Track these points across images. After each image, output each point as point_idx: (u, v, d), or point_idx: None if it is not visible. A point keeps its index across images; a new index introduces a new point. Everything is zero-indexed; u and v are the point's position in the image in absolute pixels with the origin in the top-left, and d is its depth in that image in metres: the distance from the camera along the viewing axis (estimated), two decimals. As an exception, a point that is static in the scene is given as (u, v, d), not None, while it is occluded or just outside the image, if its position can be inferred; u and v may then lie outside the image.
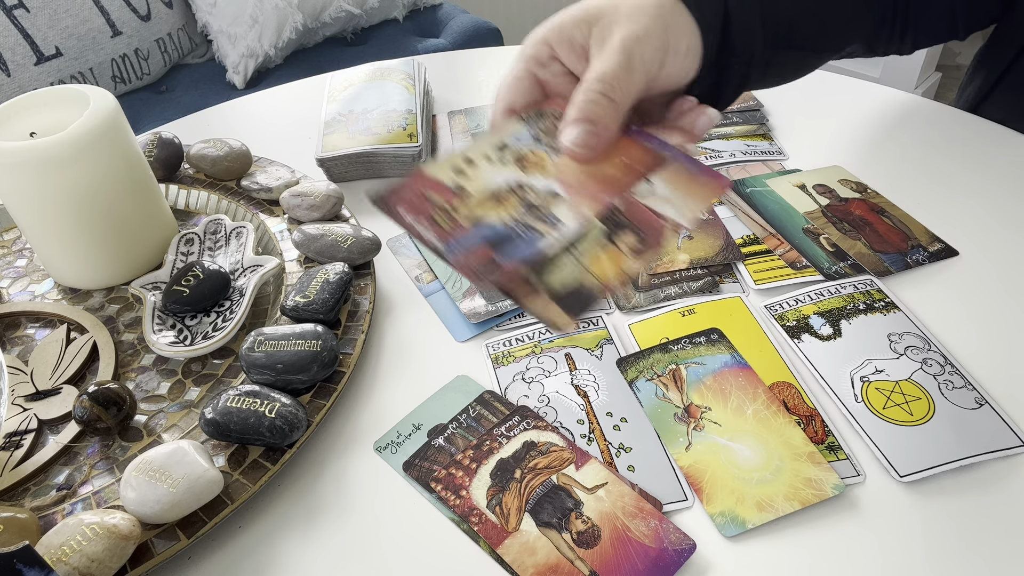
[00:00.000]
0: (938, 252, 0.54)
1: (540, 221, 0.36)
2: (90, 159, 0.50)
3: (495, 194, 0.36)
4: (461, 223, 0.34)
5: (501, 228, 0.35)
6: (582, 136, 0.37)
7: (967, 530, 0.38)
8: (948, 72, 2.14)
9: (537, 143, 0.39)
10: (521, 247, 0.34)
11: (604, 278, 0.35)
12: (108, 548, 0.35)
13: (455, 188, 0.36)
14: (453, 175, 0.36)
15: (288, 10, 1.45)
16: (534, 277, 0.34)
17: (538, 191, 0.37)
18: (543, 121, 0.40)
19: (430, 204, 0.35)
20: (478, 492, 0.40)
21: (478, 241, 0.34)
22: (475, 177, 0.37)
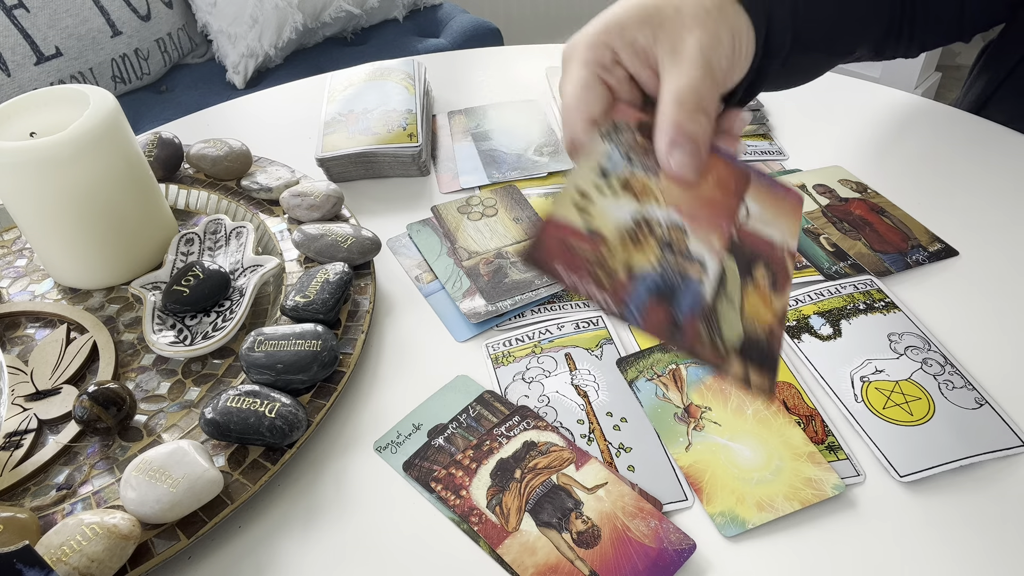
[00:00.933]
0: (938, 252, 0.54)
1: (687, 261, 0.34)
2: (90, 159, 0.50)
3: (627, 233, 0.34)
4: (620, 277, 0.33)
5: (658, 277, 0.33)
6: (688, 158, 0.35)
7: (967, 530, 0.38)
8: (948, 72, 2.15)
9: (630, 163, 0.36)
10: (687, 297, 0.33)
11: (765, 322, 0.35)
12: (108, 548, 0.35)
13: (591, 232, 0.34)
14: (579, 214, 0.34)
15: (288, 10, 1.45)
16: (707, 332, 0.33)
17: (663, 224, 0.35)
18: (621, 135, 0.37)
19: (581, 258, 0.33)
20: (478, 492, 0.40)
21: (645, 296, 0.33)
22: (599, 215, 0.34)
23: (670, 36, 0.36)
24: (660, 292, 0.33)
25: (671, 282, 0.34)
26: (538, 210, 0.60)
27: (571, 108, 0.37)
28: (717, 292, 0.34)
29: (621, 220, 0.34)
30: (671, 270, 0.34)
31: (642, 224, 0.35)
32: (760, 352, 0.34)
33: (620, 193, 0.35)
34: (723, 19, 0.37)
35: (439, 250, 0.57)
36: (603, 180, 0.35)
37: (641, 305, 0.32)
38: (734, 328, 0.34)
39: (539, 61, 0.82)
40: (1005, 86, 0.68)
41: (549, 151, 0.67)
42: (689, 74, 0.35)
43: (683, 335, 0.32)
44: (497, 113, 0.73)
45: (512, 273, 0.54)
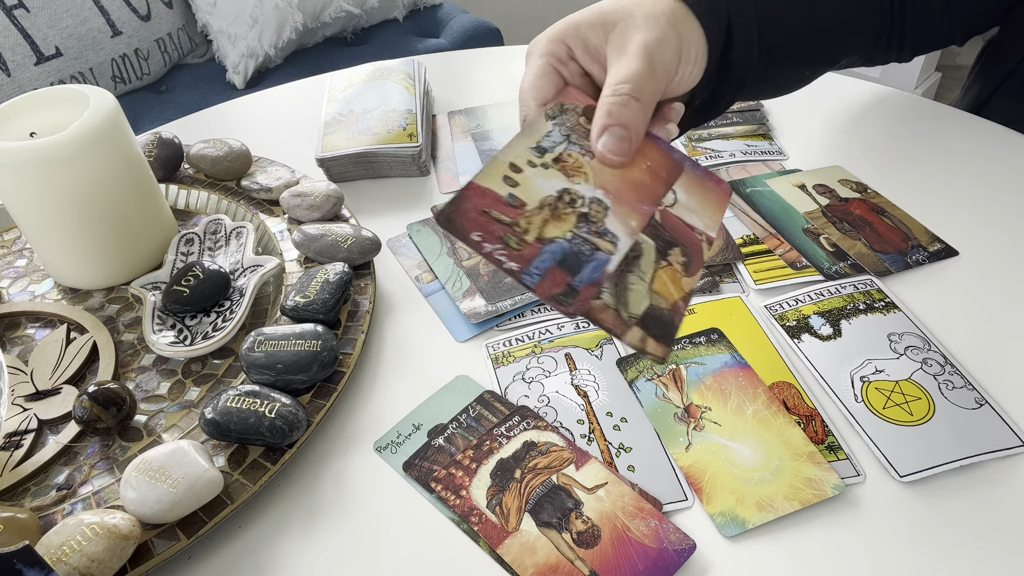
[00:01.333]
0: (938, 252, 0.54)
1: (598, 237, 0.36)
2: (90, 159, 0.50)
3: (549, 205, 0.36)
4: (530, 243, 0.34)
5: (568, 246, 0.35)
6: (616, 142, 0.38)
7: (967, 530, 0.38)
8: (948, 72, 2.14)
9: (569, 143, 0.39)
10: (589, 268, 0.35)
11: (671, 299, 0.37)
12: (108, 548, 0.35)
13: (512, 200, 0.35)
14: (505, 185, 0.36)
15: (288, 10, 1.45)
16: (613, 301, 0.35)
17: (585, 199, 0.37)
18: (566, 116, 0.40)
19: (496, 223, 0.35)
20: (478, 492, 0.40)
21: (550, 263, 0.34)
22: (525, 185, 0.36)
23: (619, 36, 0.40)
24: (565, 261, 0.35)
25: (579, 252, 0.35)
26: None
27: (526, 91, 0.41)
28: (629, 267, 0.36)
29: (546, 192, 0.36)
30: (581, 243, 0.36)
31: (565, 197, 0.37)
32: (661, 324, 0.35)
33: (552, 168, 0.37)
34: (672, 23, 0.40)
35: (439, 250, 0.57)
36: (538, 156, 0.38)
37: (543, 270, 0.34)
38: (640, 301, 0.36)
39: (539, 61, 0.82)
40: (1005, 86, 0.68)
41: (549, 151, 0.67)
42: (629, 65, 0.38)
43: (579, 298, 0.34)
44: (497, 113, 0.73)
45: (512, 273, 0.54)
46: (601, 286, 0.35)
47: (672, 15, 0.41)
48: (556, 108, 0.40)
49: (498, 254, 0.34)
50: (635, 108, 0.38)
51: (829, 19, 0.51)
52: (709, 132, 0.68)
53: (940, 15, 0.57)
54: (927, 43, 0.58)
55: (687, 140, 0.67)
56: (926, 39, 0.58)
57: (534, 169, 0.37)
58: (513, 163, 0.37)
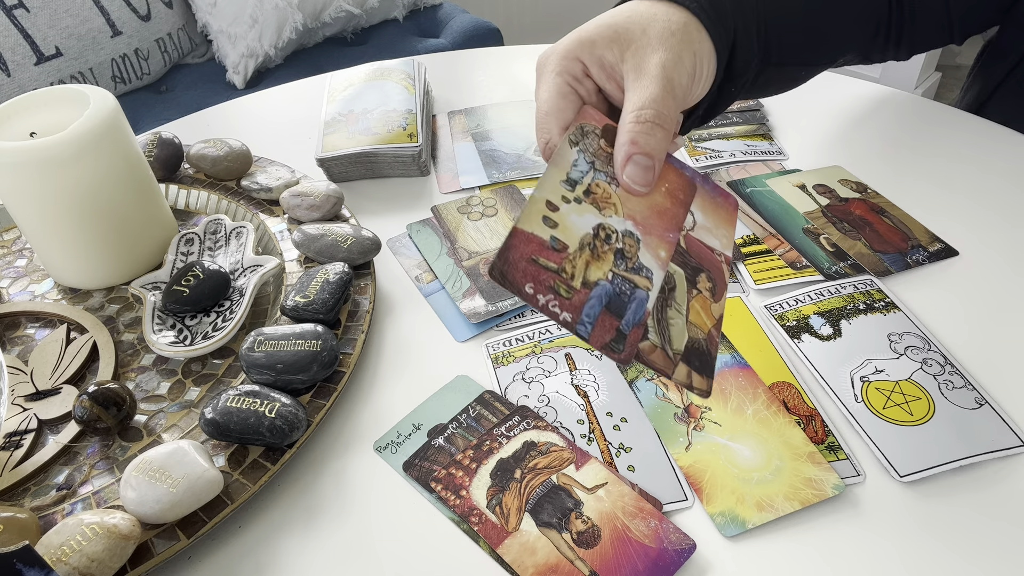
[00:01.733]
0: (938, 252, 0.54)
1: (635, 273, 0.36)
2: (90, 159, 0.50)
3: (588, 245, 0.36)
4: (578, 289, 0.34)
5: (610, 288, 0.35)
6: (642, 172, 0.37)
7: (967, 530, 0.38)
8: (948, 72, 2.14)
9: (594, 170, 0.38)
10: (632, 308, 0.35)
11: (705, 328, 0.37)
12: (108, 548, 0.35)
13: (555, 244, 0.35)
14: (545, 227, 0.35)
15: (288, 10, 1.45)
16: (658, 339, 0.35)
17: (618, 233, 0.37)
18: (588, 141, 0.39)
19: (545, 271, 0.34)
20: (478, 492, 0.40)
21: (598, 308, 0.34)
22: (564, 225, 0.36)
23: (635, 55, 0.38)
24: (611, 304, 0.34)
25: (621, 292, 0.35)
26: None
27: (548, 114, 0.39)
28: (666, 301, 0.36)
29: (583, 230, 0.36)
30: (621, 280, 0.35)
31: (600, 234, 0.36)
32: (700, 356, 0.35)
33: (584, 201, 0.37)
34: (687, 41, 0.39)
35: (439, 250, 0.57)
36: (569, 190, 0.37)
37: (593, 317, 0.34)
38: (681, 336, 0.36)
39: (539, 61, 0.82)
40: (1004, 86, 0.68)
41: (549, 151, 0.67)
42: (650, 90, 0.37)
43: (626, 345, 0.34)
44: (497, 113, 0.73)
45: (512, 273, 0.54)
46: (645, 326, 0.34)
47: (686, 32, 0.40)
48: (577, 132, 0.39)
49: (552, 306, 0.33)
50: (659, 135, 0.37)
51: (828, 20, 0.51)
52: (709, 132, 0.68)
53: (939, 13, 0.57)
54: (925, 41, 0.59)
55: (687, 141, 0.67)
56: (925, 37, 0.58)
57: (568, 205, 0.36)
58: (549, 201, 0.36)
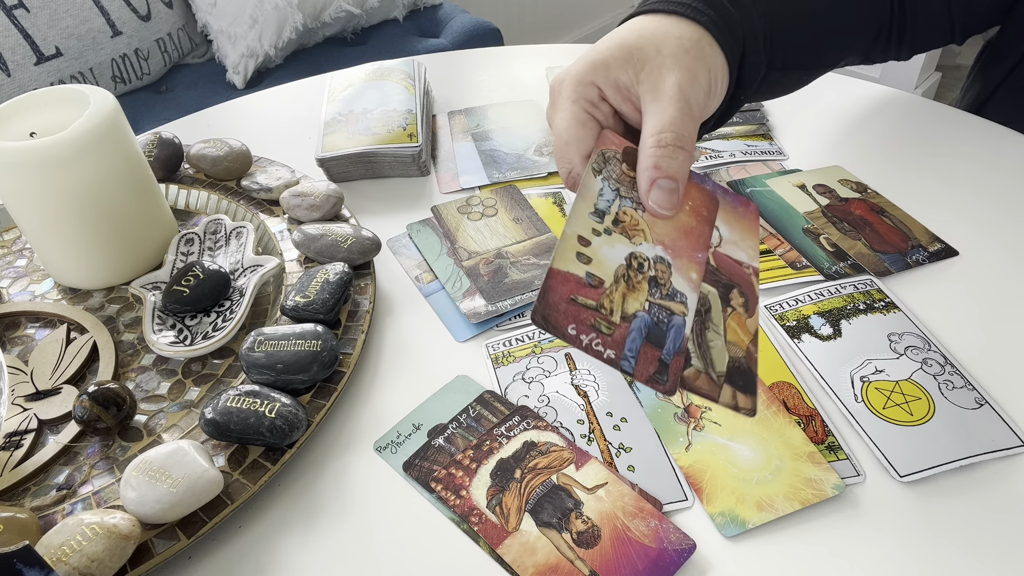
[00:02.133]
0: (938, 252, 0.54)
1: (670, 300, 0.36)
2: (90, 159, 0.50)
3: (623, 276, 0.35)
4: (618, 324, 0.34)
5: (648, 318, 0.35)
6: (667, 196, 0.37)
7: (967, 530, 0.38)
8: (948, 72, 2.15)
9: (619, 197, 0.38)
10: (671, 336, 0.34)
11: (743, 345, 0.37)
12: (108, 548, 0.35)
13: (591, 280, 0.35)
14: (580, 263, 0.35)
15: (288, 10, 1.45)
16: (701, 364, 0.35)
17: (650, 260, 0.36)
18: (611, 167, 0.38)
19: (585, 310, 0.34)
20: (478, 492, 0.40)
21: (639, 340, 0.34)
22: (597, 259, 0.35)
23: (651, 76, 0.38)
24: (650, 335, 0.34)
25: (659, 321, 0.35)
26: (538, 210, 0.60)
27: (568, 143, 0.39)
28: (704, 324, 0.36)
29: (616, 261, 0.36)
30: (658, 309, 0.35)
31: (633, 263, 0.36)
32: (743, 375, 0.35)
33: (613, 232, 0.36)
34: (700, 58, 0.39)
35: (439, 250, 0.57)
36: (598, 221, 0.36)
37: (635, 350, 0.34)
38: (722, 357, 0.35)
39: (539, 61, 0.82)
40: (1004, 86, 0.68)
41: (549, 151, 0.67)
42: (669, 112, 0.37)
43: (669, 375, 0.34)
44: (497, 113, 0.73)
45: (512, 273, 0.54)
46: (687, 352, 0.34)
47: (699, 48, 0.39)
48: (600, 159, 0.38)
49: (595, 344, 0.33)
50: (681, 158, 0.37)
51: (832, 25, 0.51)
52: (709, 132, 0.68)
53: (941, 14, 0.57)
54: (927, 41, 0.59)
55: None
56: (926, 37, 0.58)
57: (599, 238, 0.36)
58: (580, 236, 0.36)
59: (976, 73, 0.73)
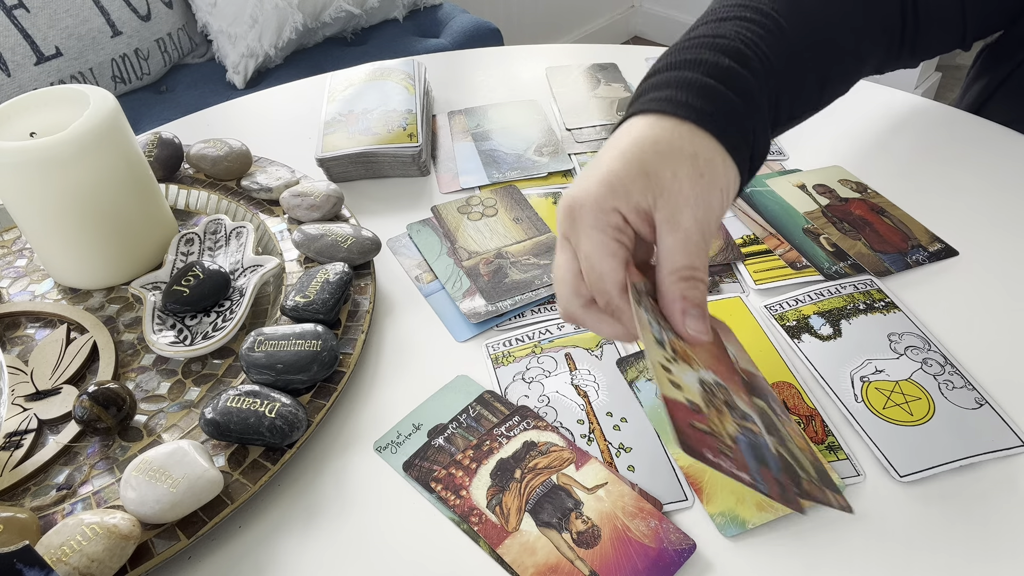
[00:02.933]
0: (938, 252, 0.54)
1: (745, 421, 0.37)
2: (90, 159, 0.50)
3: (710, 402, 0.36)
4: (732, 446, 0.35)
5: (745, 439, 0.36)
6: (700, 322, 0.38)
7: (967, 530, 0.38)
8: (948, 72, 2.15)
9: (662, 328, 0.38)
10: (767, 455, 0.36)
11: (807, 449, 0.38)
12: (108, 548, 0.35)
13: (693, 406, 0.35)
14: (677, 390, 0.35)
15: (288, 10, 1.45)
16: (806, 475, 0.36)
17: (712, 385, 0.37)
18: (644, 299, 0.39)
19: (706, 435, 0.34)
20: (478, 492, 0.40)
21: (754, 461, 0.35)
22: (683, 385, 0.36)
23: (669, 205, 0.38)
24: (757, 454, 0.35)
25: (753, 442, 0.36)
26: (538, 210, 0.60)
27: (603, 277, 0.38)
28: (781, 439, 0.37)
29: (696, 387, 0.36)
30: (746, 430, 0.36)
31: (707, 389, 0.37)
32: (821, 474, 0.37)
33: (678, 361, 0.37)
34: (714, 181, 0.39)
35: (439, 250, 0.57)
36: (663, 351, 0.37)
37: (756, 470, 0.34)
38: (806, 462, 0.37)
39: (539, 61, 0.82)
40: (1004, 87, 0.68)
41: (549, 151, 0.67)
42: (687, 248, 0.37)
43: (787, 491, 0.34)
44: (497, 113, 0.73)
45: (512, 273, 0.54)
46: (788, 466, 0.35)
47: (712, 169, 0.39)
48: (635, 294, 0.38)
49: (732, 468, 0.33)
50: (702, 287, 0.38)
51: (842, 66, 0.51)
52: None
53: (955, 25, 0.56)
54: (937, 47, 0.58)
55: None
56: (937, 43, 0.57)
57: (675, 366, 0.37)
58: (663, 364, 0.36)
59: (976, 74, 0.73)
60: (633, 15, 2.60)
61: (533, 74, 0.80)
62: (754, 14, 0.45)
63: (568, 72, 0.78)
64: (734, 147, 0.40)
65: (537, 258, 0.55)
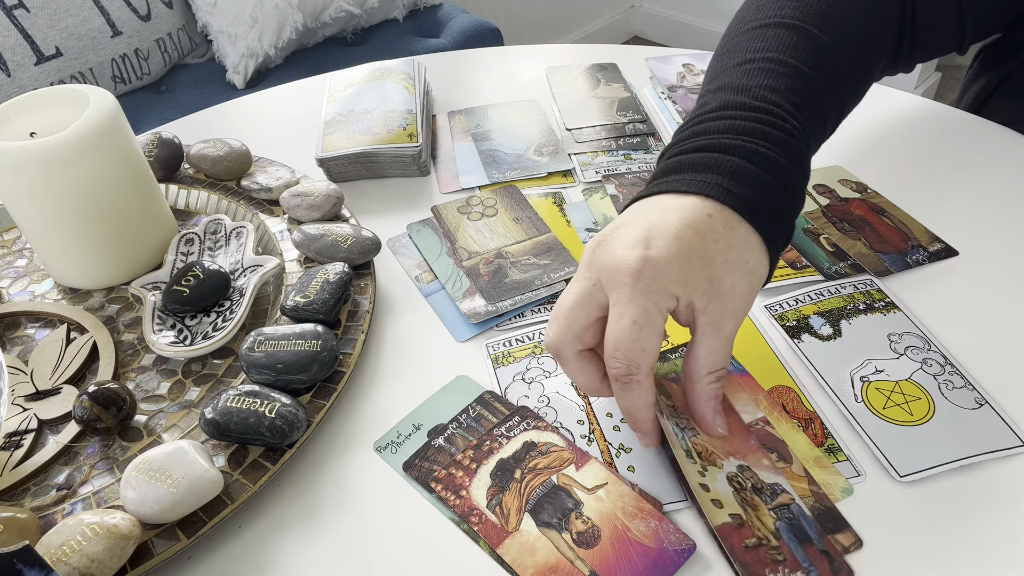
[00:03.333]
0: (938, 252, 0.54)
1: (775, 496, 0.39)
2: (90, 159, 0.50)
3: (743, 501, 0.38)
4: (778, 545, 0.36)
5: (783, 523, 0.37)
6: (722, 419, 0.41)
7: (967, 530, 0.38)
8: (948, 72, 2.15)
9: (683, 431, 0.40)
10: (806, 525, 0.38)
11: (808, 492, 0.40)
12: (108, 548, 0.35)
13: (736, 521, 0.37)
14: (721, 510, 0.38)
15: (288, 10, 1.45)
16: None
17: (738, 474, 0.39)
18: (659, 403, 0.40)
19: (756, 551, 0.36)
20: (478, 492, 0.40)
21: (800, 549, 0.36)
22: (722, 497, 0.38)
23: (718, 311, 0.38)
24: (798, 535, 0.37)
25: (790, 521, 0.37)
26: (538, 210, 0.60)
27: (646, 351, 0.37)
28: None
29: (728, 490, 0.38)
30: (779, 511, 0.38)
31: (734, 485, 0.39)
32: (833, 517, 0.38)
33: (707, 466, 0.39)
34: (757, 285, 0.39)
35: (439, 250, 0.57)
36: (694, 462, 0.39)
37: (805, 557, 0.36)
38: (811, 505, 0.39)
39: (539, 61, 0.82)
40: (1003, 88, 0.68)
41: (549, 151, 0.67)
42: (725, 351, 0.39)
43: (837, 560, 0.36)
44: (497, 113, 0.73)
45: (512, 273, 0.54)
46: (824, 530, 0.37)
47: (759, 284, 0.39)
48: (659, 400, 0.40)
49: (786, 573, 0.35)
50: (722, 385, 0.40)
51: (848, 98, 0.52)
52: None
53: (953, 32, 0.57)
54: (934, 51, 0.59)
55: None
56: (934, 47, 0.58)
57: (706, 476, 0.39)
58: (701, 484, 0.38)
59: (975, 74, 0.73)
60: (633, 15, 2.60)
61: (533, 74, 0.80)
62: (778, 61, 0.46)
63: (568, 72, 0.78)
64: (772, 241, 0.40)
65: (537, 258, 0.55)
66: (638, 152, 0.66)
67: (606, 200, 0.61)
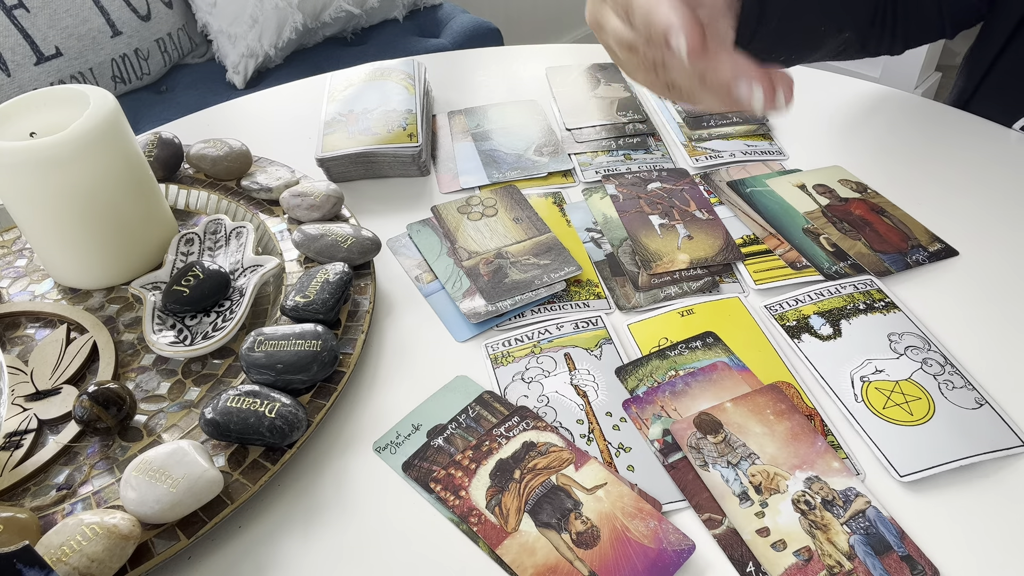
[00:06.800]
0: (938, 252, 0.54)
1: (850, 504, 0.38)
2: (90, 159, 0.50)
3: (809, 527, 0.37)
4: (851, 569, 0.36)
5: (859, 536, 0.37)
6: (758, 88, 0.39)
7: (967, 530, 0.38)
8: (948, 72, 2.14)
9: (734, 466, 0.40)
10: (885, 529, 0.37)
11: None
12: (108, 548, 0.35)
13: (802, 556, 0.36)
14: (781, 551, 0.37)
15: (288, 10, 1.45)
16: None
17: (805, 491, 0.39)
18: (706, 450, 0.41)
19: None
20: (477, 492, 0.40)
21: (877, 563, 0.36)
22: (782, 532, 0.37)
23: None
24: (876, 546, 0.36)
25: (867, 532, 0.37)
26: (538, 210, 0.60)
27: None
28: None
29: (791, 519, 0.38)
30: (854, 523, 0.37)
31: (801, 507, 0.38)
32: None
33: (765, 499, 0.38)
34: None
35: (439, 250, 0.57)
36: (750, 504, 0.38)
37: (882, 570, 0.35)
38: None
39: (539, 61, 0.82)
40: (986, 82, 0.68)
41: (549, 151, 0.67)
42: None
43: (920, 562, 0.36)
44: (497, 113, 0.73)
45: (512, 273, 0.54)
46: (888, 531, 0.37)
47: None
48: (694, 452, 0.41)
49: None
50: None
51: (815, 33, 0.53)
52: (709, 132, 0.68)
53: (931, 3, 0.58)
54: (919, 34, 0.60)
55: (687, 140, 0.67)
56: (917, 29, 0.59)
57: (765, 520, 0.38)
58: (756, 530, 0.37)
59: (961, 70, 0.73)
60: (633, 15, 2.60)
61: (533, 74, 0.80)
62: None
63: (568, 72, 0.78)
64: None
65: (537, 258, 0.55)
66: (638, 152, 0.66)
67: (606, 200, 0.61)
